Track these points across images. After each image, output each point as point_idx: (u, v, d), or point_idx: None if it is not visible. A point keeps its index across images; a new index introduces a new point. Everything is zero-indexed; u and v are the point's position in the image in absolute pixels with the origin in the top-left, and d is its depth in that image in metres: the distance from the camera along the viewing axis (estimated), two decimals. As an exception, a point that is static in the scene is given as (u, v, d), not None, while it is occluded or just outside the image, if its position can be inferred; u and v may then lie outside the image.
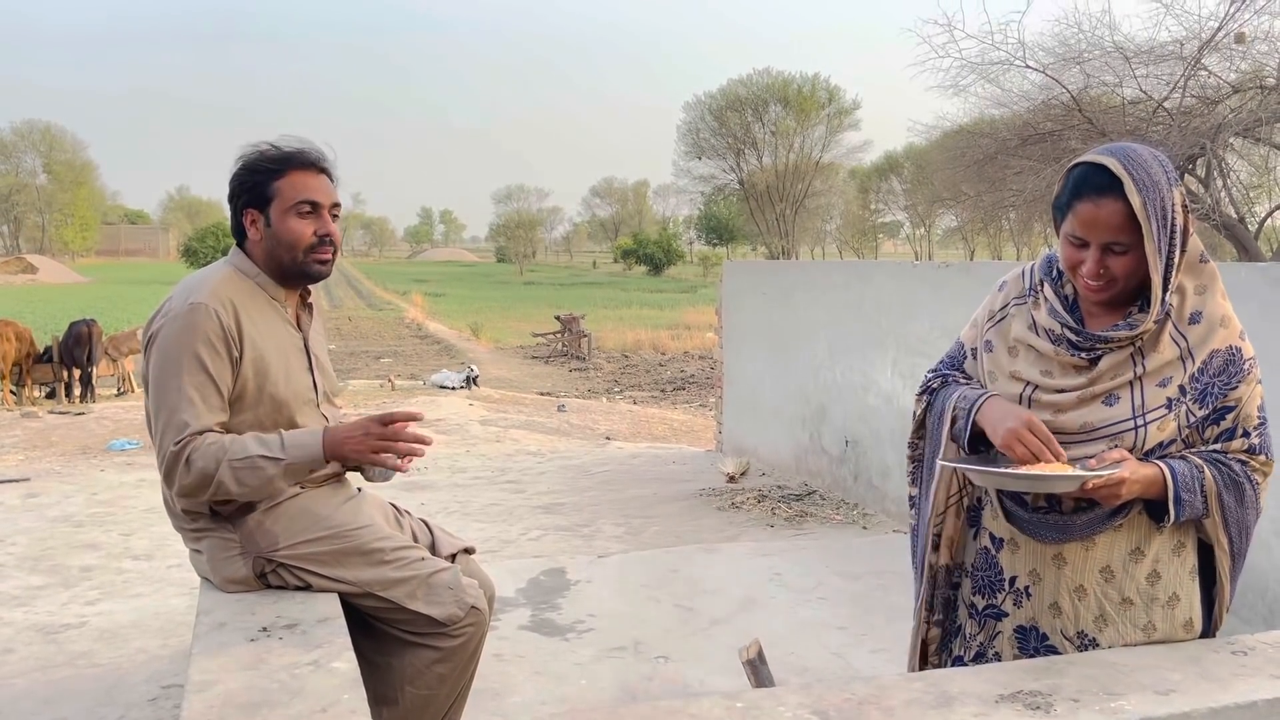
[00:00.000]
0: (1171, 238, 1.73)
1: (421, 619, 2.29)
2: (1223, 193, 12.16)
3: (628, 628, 4.01)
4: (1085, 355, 1.81)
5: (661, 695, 3.36)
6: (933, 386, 2.03)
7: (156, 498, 2.75)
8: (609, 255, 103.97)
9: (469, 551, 2.65)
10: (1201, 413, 1.78)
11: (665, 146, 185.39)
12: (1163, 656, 1.80)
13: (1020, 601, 1.89)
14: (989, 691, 1.67)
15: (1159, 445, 1.77)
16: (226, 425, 2.22)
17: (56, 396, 13.35)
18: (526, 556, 5.09)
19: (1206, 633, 1.89)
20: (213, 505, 2.27)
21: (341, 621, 2.12)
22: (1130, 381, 1.79)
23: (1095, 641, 1.83)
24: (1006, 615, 1.91)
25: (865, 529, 5.64)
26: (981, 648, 1.94)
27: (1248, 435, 1.79)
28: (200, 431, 2.15)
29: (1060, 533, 1.83)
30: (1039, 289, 1.92)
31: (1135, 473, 1.72)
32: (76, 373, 13.34)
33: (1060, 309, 1.86)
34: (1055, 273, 1.90)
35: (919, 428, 2.04)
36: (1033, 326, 1.90)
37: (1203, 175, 11.96)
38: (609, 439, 10.91)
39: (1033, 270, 1.97)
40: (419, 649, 2.32)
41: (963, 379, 2.00)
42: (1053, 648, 1.86)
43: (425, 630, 2.31)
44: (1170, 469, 1.75)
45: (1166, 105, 11.80)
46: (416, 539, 2.53)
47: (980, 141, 14.59)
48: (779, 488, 6.60)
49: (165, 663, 3.71)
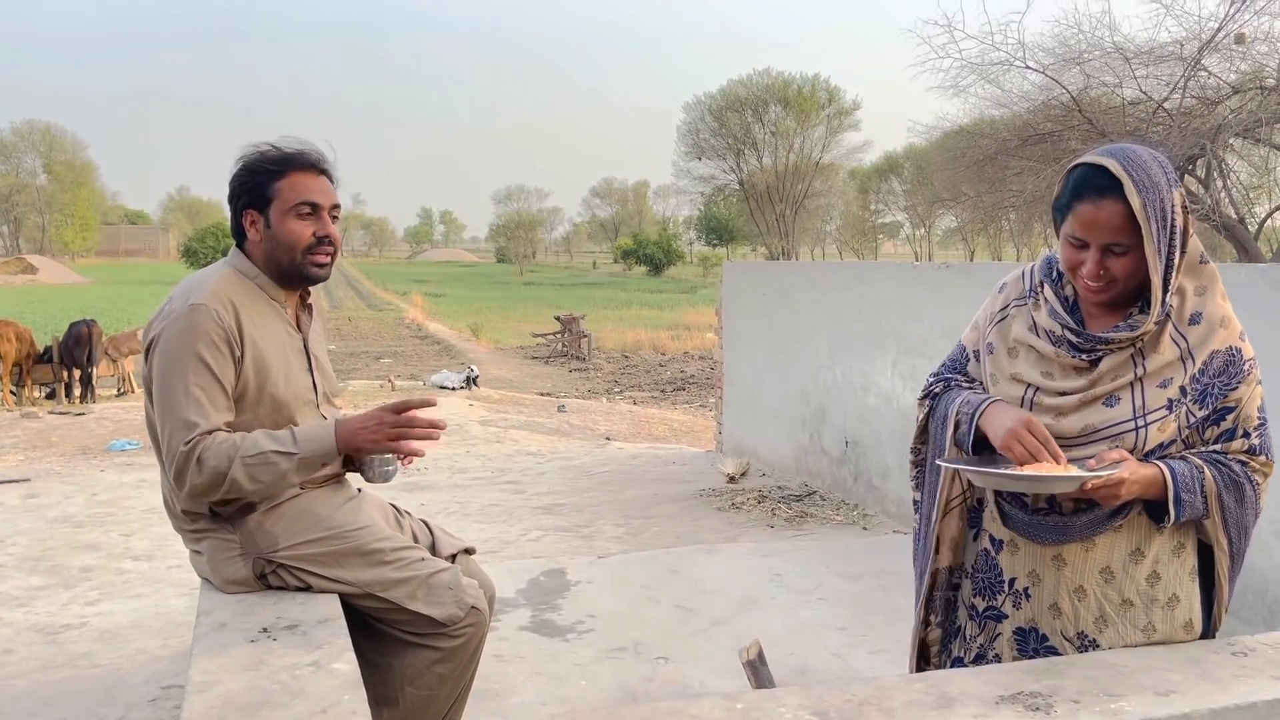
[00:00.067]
0: (1171, 239, 1.73)
1: (422, 619, 2.29)
2: (1223, 193, 12.16)
3: (628, 628, 4.01)
4: (1086, 356, 1.81)
5: (661, 696, 3.36)
6: (935, 391, 2.03)
7: (156, 498, 2.75)
8: (609, 256, 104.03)
9: (469, 552, 2.65)
10: (1202, 413, 1.78)
11: (665, 146, 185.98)
12: (1163, 657, 1.80)
13: (1020, 603, 1.89)
14: (989, 693, 1.67)
15: (1159, 446, 1.77)
16: (231, 425, 2.22)
17: (56, 397, 13.34)
18: (526, 557, 5.09)
19: (1206, 634, 1.89)
20: (214, 506, 2.27)
21: (342, 622, 2.12)
22: (1131, 383, 1.79)
23: (1095, 642, 1.83)
24: (1006, 617, 1.91)
25: (865, 530, 5.64)
26: (981, 649, 1.94)
27: (1248, 436, 1.80)
28: (209, 431, 2.15)
29: (1060, 534, 1.83)
30: (1039, 290, 1.92)
31: (1135, 473, 1.72)
32: (76, 373, 13.32)
33: (1060, 310, 1.86)
34: (1055, 274, 1.90)
35: (921, 432, 2.04)
36: (1033, 328, 1.90)
37: (1203, 176, 11.96)
38: (609, 439, 10.91)
39: (1033, 271, 1.97)
40: (419, 649, 2.32)
41: (965, 383, 2.00)
42: (1053, 649, 1.86)
43: (425, 631, 2.31)
44: (1170, 469, 1.75)
45: (1166, 106, 11.81)
46: (417, 539, 2.53)
47: (980, 142, 14.60)
48: (779, 488, 6.59)
49: (165, 663, 3.71)
